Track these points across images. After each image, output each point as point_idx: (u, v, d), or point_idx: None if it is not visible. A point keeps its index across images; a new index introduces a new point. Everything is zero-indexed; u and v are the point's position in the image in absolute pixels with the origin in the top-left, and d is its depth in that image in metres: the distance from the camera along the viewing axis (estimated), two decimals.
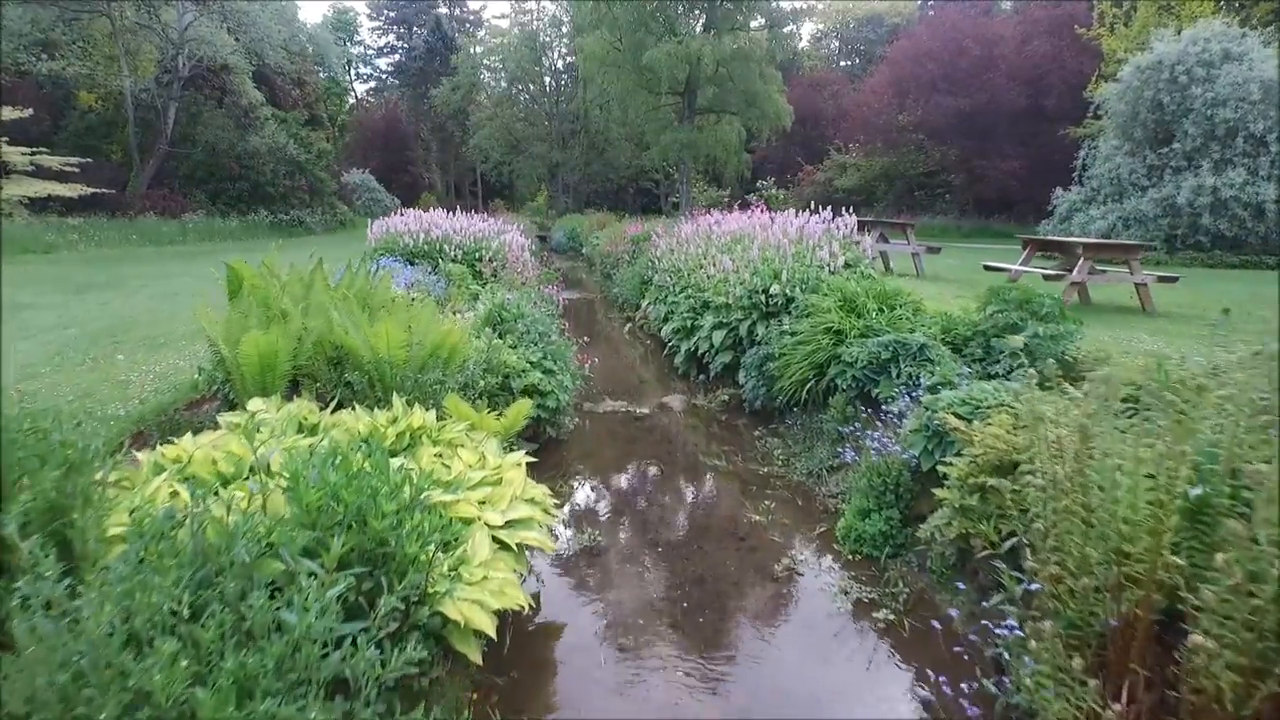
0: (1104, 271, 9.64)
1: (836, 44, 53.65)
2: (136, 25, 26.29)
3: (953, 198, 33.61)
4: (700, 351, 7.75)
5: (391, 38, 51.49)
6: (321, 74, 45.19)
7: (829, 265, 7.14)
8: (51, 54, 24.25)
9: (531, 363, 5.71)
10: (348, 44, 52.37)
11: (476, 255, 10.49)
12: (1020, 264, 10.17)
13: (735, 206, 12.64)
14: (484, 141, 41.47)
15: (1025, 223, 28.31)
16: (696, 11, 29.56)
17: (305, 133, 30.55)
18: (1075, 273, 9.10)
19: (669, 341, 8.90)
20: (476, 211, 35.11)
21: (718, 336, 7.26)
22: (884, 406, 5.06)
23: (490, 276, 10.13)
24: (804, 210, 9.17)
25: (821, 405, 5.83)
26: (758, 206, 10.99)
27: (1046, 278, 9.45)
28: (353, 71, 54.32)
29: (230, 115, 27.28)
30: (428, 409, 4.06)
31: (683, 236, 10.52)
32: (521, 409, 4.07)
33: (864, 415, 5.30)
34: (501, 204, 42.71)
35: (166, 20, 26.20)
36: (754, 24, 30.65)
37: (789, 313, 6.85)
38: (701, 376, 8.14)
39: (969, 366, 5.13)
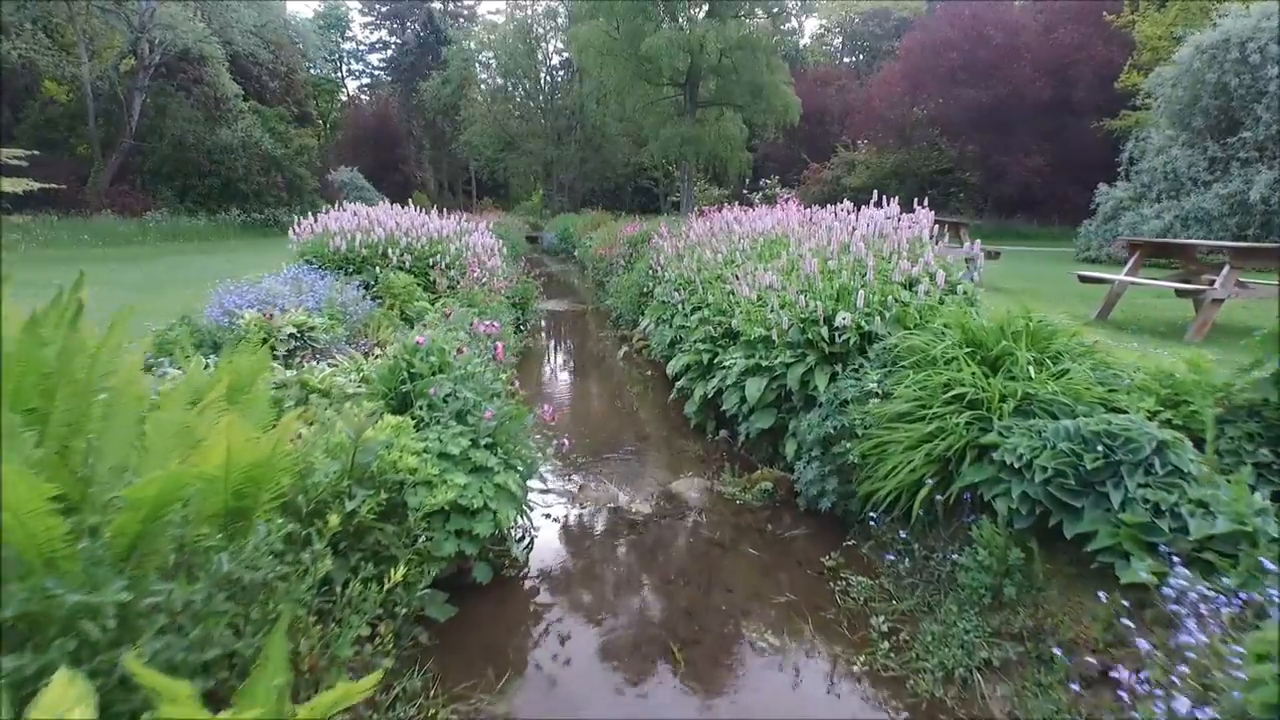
0: (1245, 285, 7.15)
1: (840, 40, 51.17)
2: (97, 9, 23.69)
3: (968, 196, 31.10)
4: (724, 404, 5.25)
5: (384, 33, 48.87)
6: (312, 69, 42.65)
7: (923, 284, 4.62)
8: None
9: (452, 457, 3.22)
10: (339, 39, 49.68)
11: (430, 261, 8.00)
12: (1126, 274, 7.68)
13: (759, 206, 10.18)
14: (475, 138, 38.86)
15: (1049, 222, 25.89)
16: None
17: (285, 127, 27.97)
18: (1219, 286, 6.62)
19: (676, 378, 6.42)
20: (468, 211, 32.73)
21: (753, 387, 4.76)
22: (1098, 556, 2.60)
23: (446, 290, 7.63)
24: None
25: (946, 521, 3.36)
26: (787, 199, 8.50)
27: (1180, 293, 6.99)
28: (345, 68, 51.68)
29: (199, 107, 24.71)
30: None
31: (693, 238, 8.03)
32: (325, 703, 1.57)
33: (1046, 562, 2.83)
34: (491, 202, 40.11)
35: (130, 6, 23.61)
36: (758, 16, 28.18)
37: (866, 355, 4.37)
38: (723, 432, 5.67)
39: (1258, 485, 2.65)
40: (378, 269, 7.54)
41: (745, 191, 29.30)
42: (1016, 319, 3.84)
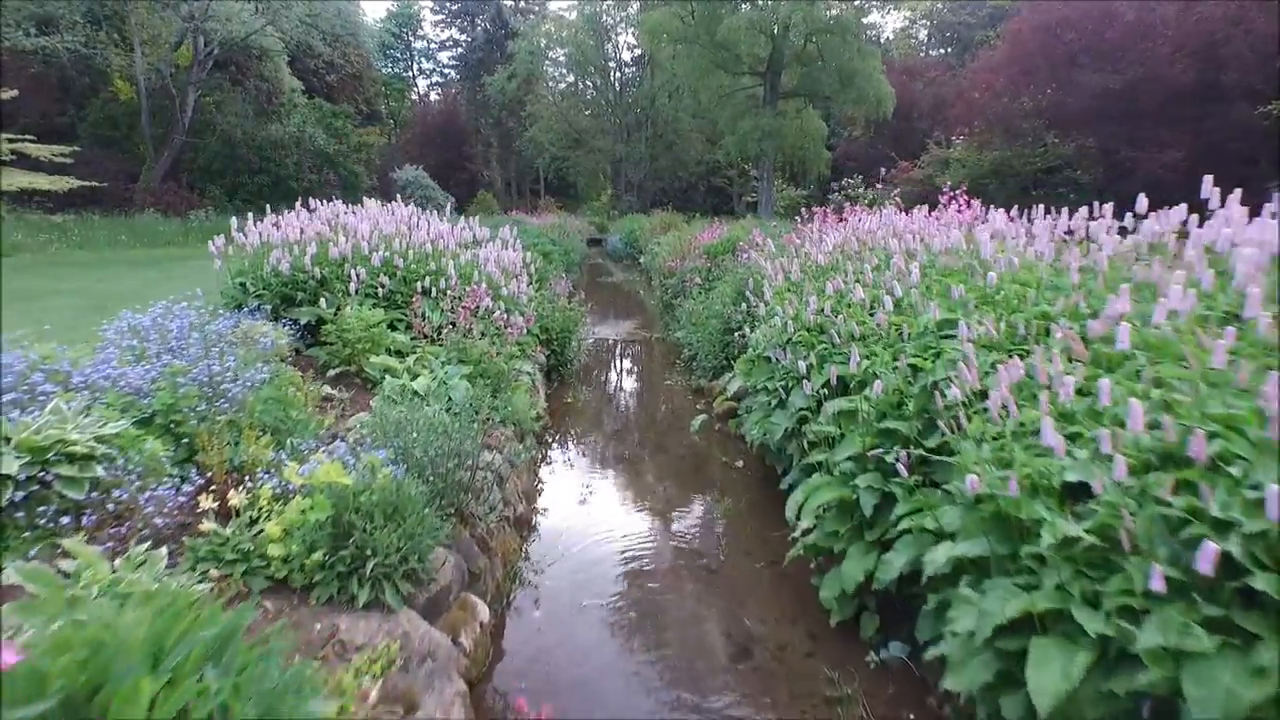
0: None
1: (925, 33, 46.73)
2: (152, 2, 22.05)
3: (1078, 198, 26.74)
4: (948, 680, 2.28)
5: (454, 31, 46.97)
6: (382, 68, 41.08)
7: None
8: (45, 29, 20.10)
9: None
10: (411, 38, 48.02)
11: (413, 288, 5.24)
12: None
13: (886, 208, 7.13)
14: (540, 134, 36.37)
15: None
16: None
17: (343, 123, 25.96)
18: None
19: (798, 509, 3.47)
20: (532, 212, 30.02)
21: (1054, 664, 1.80)
22: None
23: (430, 335, 4.85)
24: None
25: None
26: (951, 193, 5.44)
27: None
28: (416, 67, 50.03)
29: (250, 101, 22.85)
30: None
31: (818, 257, 5.03)
32: None
33: None
34: (553, 202, 37.42)
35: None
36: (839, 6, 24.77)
37: None
38: (893, 646, 2.74)
39: None
40: (323, 300, 4.82)
41: (822, 195, 25.90)
42: None
